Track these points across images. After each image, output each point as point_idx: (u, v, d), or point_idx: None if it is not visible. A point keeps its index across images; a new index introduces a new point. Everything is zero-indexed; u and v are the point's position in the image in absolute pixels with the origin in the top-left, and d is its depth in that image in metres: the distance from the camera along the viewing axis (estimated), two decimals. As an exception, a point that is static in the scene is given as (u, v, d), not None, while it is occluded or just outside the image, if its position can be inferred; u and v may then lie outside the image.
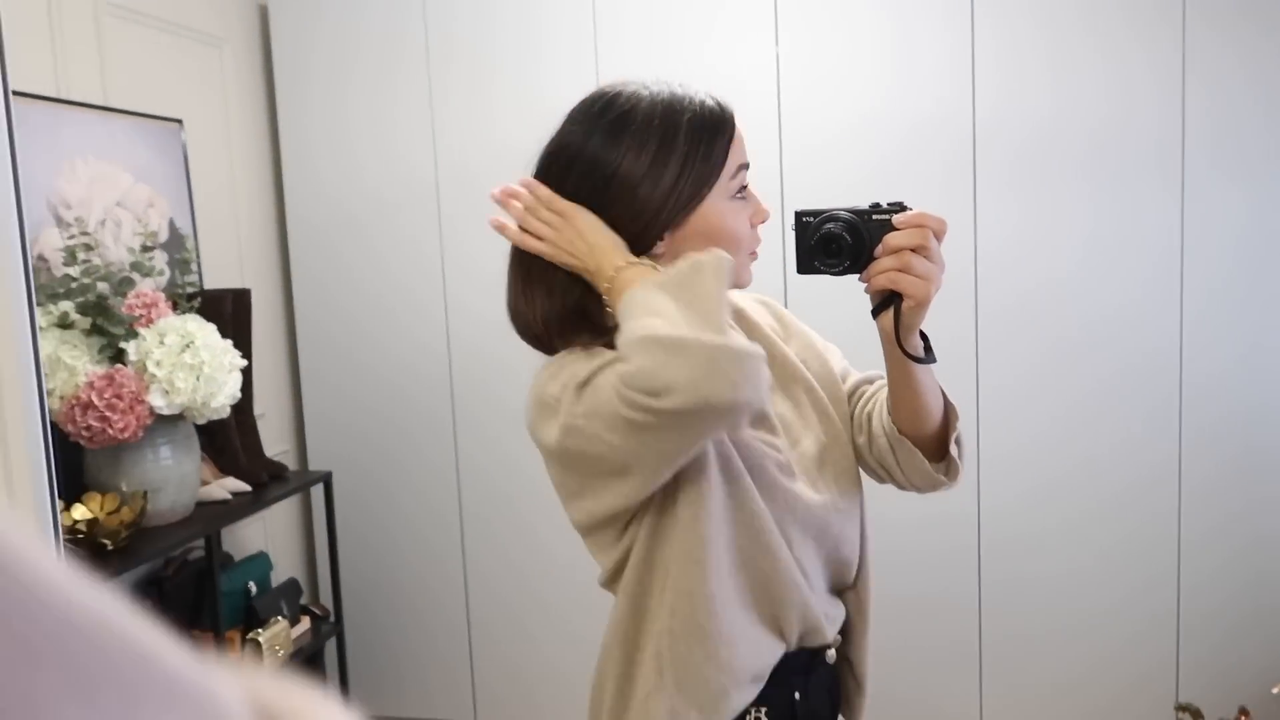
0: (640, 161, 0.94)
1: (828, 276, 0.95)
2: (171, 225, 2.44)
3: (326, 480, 2.55)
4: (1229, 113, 2.30)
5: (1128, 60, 2.34)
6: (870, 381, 1.12)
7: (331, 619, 2.62)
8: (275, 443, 2.83)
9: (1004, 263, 2.44)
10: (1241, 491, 2.38)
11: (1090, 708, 2.50)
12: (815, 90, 2.49)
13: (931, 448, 1.03)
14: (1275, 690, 2.28)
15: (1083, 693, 2.50)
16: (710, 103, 0.98)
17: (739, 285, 1.01)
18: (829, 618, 1.02)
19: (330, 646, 2.78)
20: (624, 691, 0.97)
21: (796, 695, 1.02)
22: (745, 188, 1.00)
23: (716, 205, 0.96)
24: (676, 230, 0.96)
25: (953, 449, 1.04)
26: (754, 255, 1.02)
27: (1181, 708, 2.32)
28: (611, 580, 1.00)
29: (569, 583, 2.68)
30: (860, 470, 1.10)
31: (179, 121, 2.50)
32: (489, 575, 2.82)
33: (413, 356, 2.81)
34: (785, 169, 2.49)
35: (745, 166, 0.99)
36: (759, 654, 0.96)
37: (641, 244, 0.95)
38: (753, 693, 0.96)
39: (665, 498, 0.92)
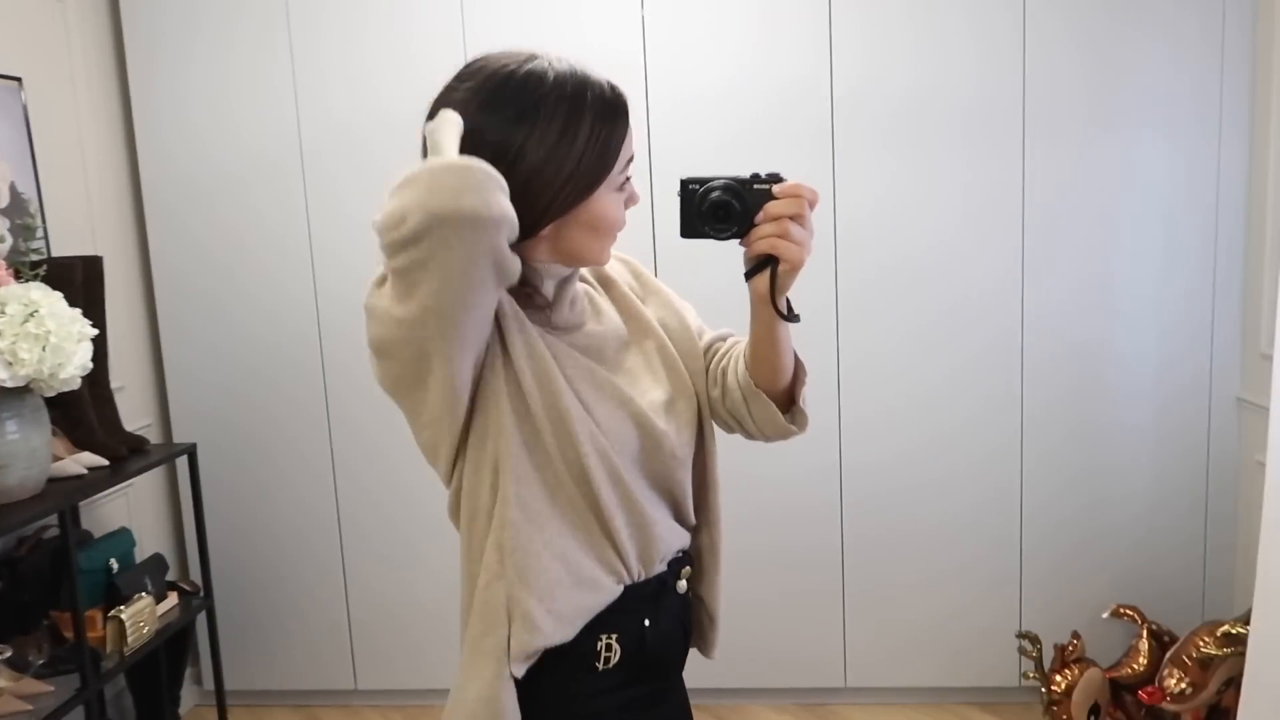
0: (544, 145, 0.93)
1: (710, 241, 1.01)
2: (13, 189, 2.31)
3: (191, 452, 2.49)
4: (1067, 77, 2.46)
5: (977, 34, 2.46)
6: (724, 339, 1.18)
7: (201, 594, 2.57)
8: (138, 416, 2.73)
9: (864, 234, 2.55)
10: (1078, 450, 2.58)
11: (944, 643, 2.68)
12: (682, 55, 2.53)
13: (782, 401, 1.11)
14: (1104, 615, 2.50)
15: (937, 631, 2.67)
16: (609, 90, 0.98)
17: (598, 264, 1.06)
18: (665, 541, 1.07)
19: (201, 622, 2.72)
20: (469, 591, 1.03)
21: (646, 622, 1.07)
22: (630, 178, 1.03)
23: (604, 196, 0.99)
24: (563, 218, 0.98)
25: (801, 401, 1.12)
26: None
27: (1022, 635, 2.51)
28: (452, 513, 1.07)
29: (450, 540, 2.69)
30: (714, 424, 1.16)
31: (17, 80, 2.36)
32: (366, 541, 2.80)
33: (280, 323, 2.75)
34: (652, 134, 2.53)
35: (633, 159, 1.03)
36: (590, 567, 1.02)
37: (528, 229, 0.94)
38: (593, 599, 1.01)
39: (471, 437, 0.99)
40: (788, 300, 1.03)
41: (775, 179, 0.99)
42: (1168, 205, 2.49)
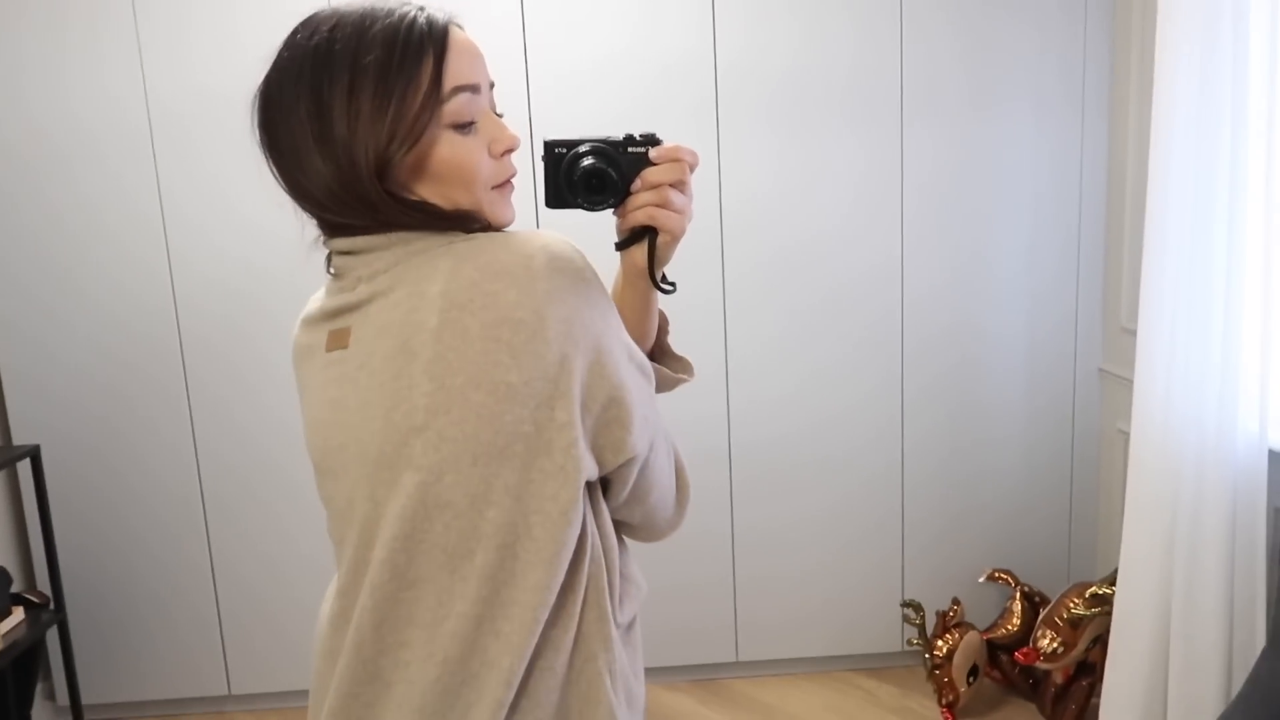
0: (334, 95, 0.83)
1: (581, 211, 0.91)
2: None
3: (34, 455, 2.27)
4: (941, 60, 2.50)
5: (855, 13, 2.47)
6: None
7: (51, 606, 2.36)
8: (-33, 415, 2.48)
9: (751, 216, 2.54)
10: (953, 430, 2.66)
11: (831, 615, 2.74)
12: (562, 25, 2.45)
13: (654, 356, 1.05)
14: (980, 580, 2.61)
15: (824, 604, 2.73)
16: (412, 17, 0.85)
17: (500, 223, 0.91)
18: None
19: (53, 635, 2.51)
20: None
21: None
22: (473, 118, 0.87)
23: (434, 136, 0.85)
24: (400, 170, 0.86)
25: (671, 346, 1.06)
26: (507, 186, 0.92)
27: (906, 604, 2.59)
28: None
29: (320, 523, 2.57)
30: None
31: None
32: (236, 532, 2.63)
33: (133, 313, 2.53)
34: (532, 106, 2.45)
35: (469, 89, 0.86)
36: None
37: (359, 191, 0.84)
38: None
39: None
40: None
41: (651, 141, 0.89)
42: (1036, 186, 2.58)
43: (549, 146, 0.89)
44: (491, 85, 0.91)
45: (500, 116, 0.92)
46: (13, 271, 2.51)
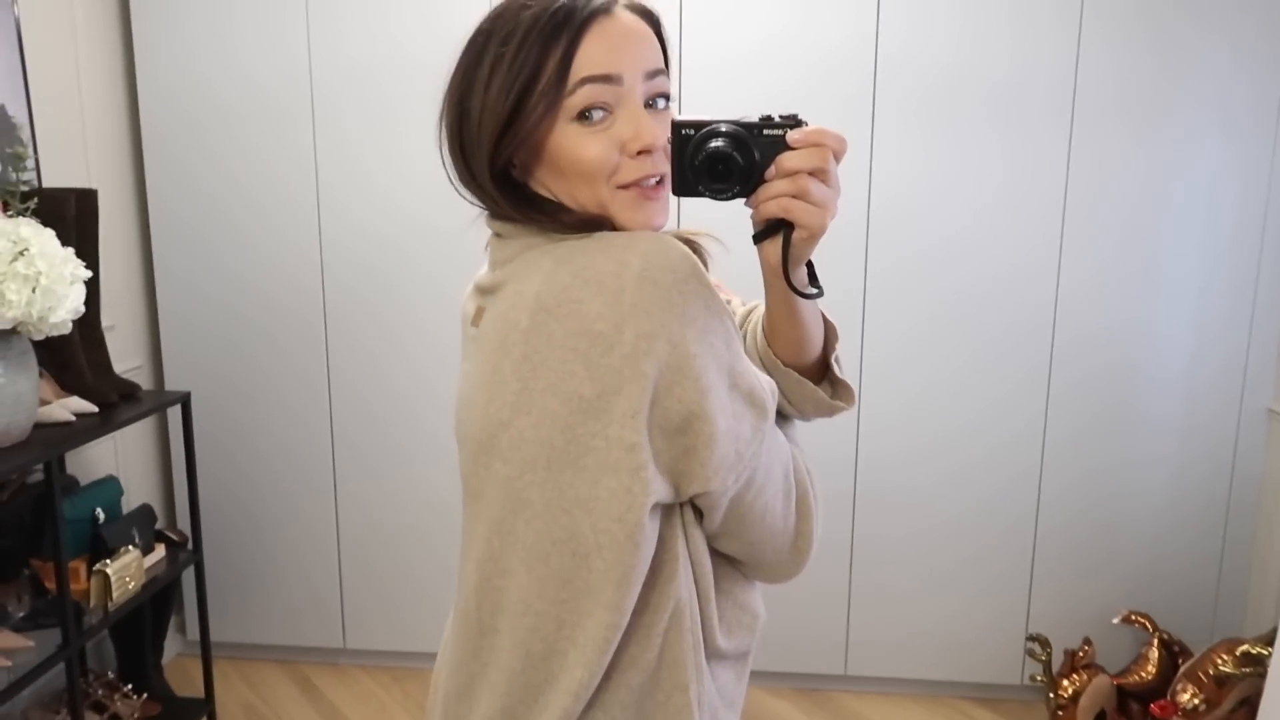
0: (476, 79, 0.82)
1: (710, 200, 0.83)
2: (2, 112, 2.17)
3: (185, 401, 2.38)
4: (1124, 66, 2.33)
5: (1029, 13, 2.33)
6: (750, 311, 1.02)
7: (190, 546, 2.48)
8: (127, 357, 2.62)
9: (898, 213, 2.44)
10: (1099, 449, 2.50)
11: (947, 637, 2.62)
12: (721, 10, 2.39)
13: (814, 372, 0.96)
14: (1115, 620, 2.45)
15: (941, 625, 2.62)
16: (564, 2, 0.80)
17: (633, 228, 0.84)
18: None
19: (189, 575, 2.64)
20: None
21: None
22: (600, 109, 0.81)
23: (555, 128, 0.81)
24: (523, 157, 0.84)
25: (835, 368, 0.96)
26: (648, 188, 0.84)
27: (1032, 638, 2.46)
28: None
29: (441, 504, 2.62)
30: None
31: (10, -7, 2.21)
32: (360, 497, 2.72)
33: (281, 271, 2.63)
34: (683, 94, 2.40)
35: (601, 80, 0.81)
36: None
37: (479, 178, 0.84)
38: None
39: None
40: (811, 267, 0.86)
41: (792, 122, 0.80)
42: (1215, 205, 2.38)
43: (676, 128, 0.81)
44: (655, 73, 0.85)
45: (658, 108, 0.86)
46: (176, 232, 2.63)
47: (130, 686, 2.42)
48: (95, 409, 2.15)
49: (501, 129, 0.81)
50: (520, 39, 0.80)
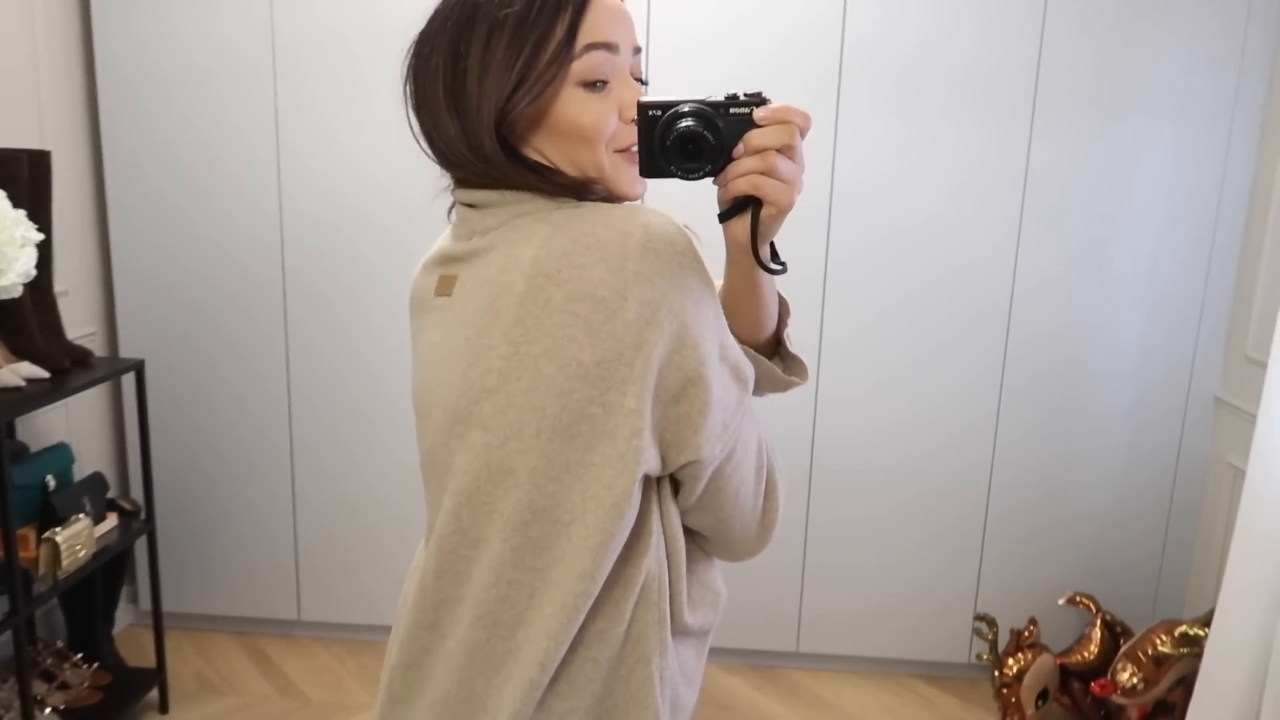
0: (470, 48, 0.82)
1: (678, 181, 0.83)
2: (-48, 69, 2.11)
3: (139, 369, 2.35)
4: (1085, 59, 2.36)
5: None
6: None
7: (142, 515, 2.46)
8: (81, 323, 2.58)
9: (861, 199, 2.46)
10: (1051, 440, 2.55)
11: (898, 617, 2.67)
12: (689, -10, 2.39)
13: (767, 349, 0.96)
14: (1060, 601, 2.51)
15: (892, 604, 2.67)
16: None
17: (624, 193, 0.88)
18: None
19: (141, 544, 2.61)
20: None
21: None
22: (605, 78, 0.84)
23: (560, 91, 0.83)
24: (520, 123, 0.84)
25: (786, 342, 0.97)
26: (628, 154, 0.87)
27: (979, 617, 2.51)
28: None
29: (400, 472, 2.61)
30: None
31: (-39, -54, 2.15)
32: (319, 464, 2.70)
33: (240, 233, 2.60)
34: (650, 70, 2.40)
35: (604, 47, 0.83)
36: None
37: (478, 145, 0.84)
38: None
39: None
40: (772, 246, 0.87)
41: (757, 101, 0.80)
42: (1169, 196, 2.43)
43: (643, 108, 0.82)
44: (636, 50, 0.88)
45: (643, 84, 0.88)
46: (133, 193, 2.59)
47: (80, 656, 2.39)
48: (46, 374, 2.12)
49: (510, 92, 0.82)
50: (524, 9, 0.80)
